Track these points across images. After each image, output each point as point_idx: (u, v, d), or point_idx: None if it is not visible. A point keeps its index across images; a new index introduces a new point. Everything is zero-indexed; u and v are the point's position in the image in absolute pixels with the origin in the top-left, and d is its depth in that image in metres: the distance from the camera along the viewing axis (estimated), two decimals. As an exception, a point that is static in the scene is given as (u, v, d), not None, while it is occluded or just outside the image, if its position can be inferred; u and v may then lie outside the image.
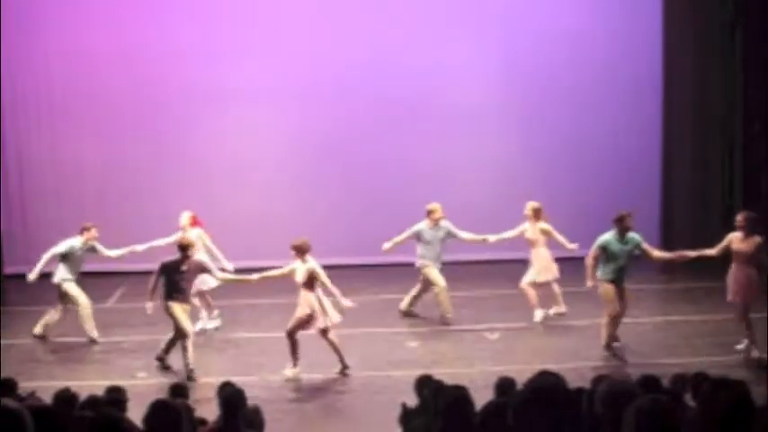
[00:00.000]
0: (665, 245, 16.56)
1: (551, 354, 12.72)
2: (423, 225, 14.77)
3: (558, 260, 14.58)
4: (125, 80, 18.25)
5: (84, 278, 14.41)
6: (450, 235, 14.81)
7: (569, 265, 14.30)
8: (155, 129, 18.46)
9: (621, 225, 12.57)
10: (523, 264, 14.70)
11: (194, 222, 14.47)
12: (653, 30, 18.63)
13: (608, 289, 12.61)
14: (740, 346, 12.56)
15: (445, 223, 14.83)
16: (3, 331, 14.17)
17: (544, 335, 13.83)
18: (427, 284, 14.86)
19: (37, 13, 18.23)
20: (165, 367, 12.65)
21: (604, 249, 12.57)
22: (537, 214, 14.65)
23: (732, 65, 18.16)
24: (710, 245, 12.84)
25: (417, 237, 14.77)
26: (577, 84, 18.68)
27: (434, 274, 14.69)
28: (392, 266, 16.79)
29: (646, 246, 12.82)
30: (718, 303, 13.26)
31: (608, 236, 12.59)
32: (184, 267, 12.57)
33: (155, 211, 17.41)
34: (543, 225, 14.62)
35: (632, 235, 12.65)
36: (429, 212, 14.76)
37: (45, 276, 14.25)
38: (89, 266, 15.00)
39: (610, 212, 12.95)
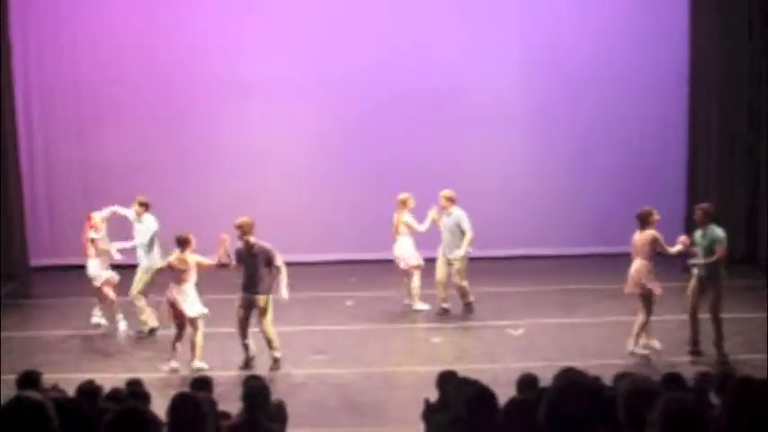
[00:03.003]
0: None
1: (575, 351, 12.66)
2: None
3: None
4: (152, 78, 18.29)
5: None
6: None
7: (585, 263, 14.22)
8: (181, 125, 18.48)
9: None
10: (547, 260, 14.61)
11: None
12: (679, 27, 18.48)
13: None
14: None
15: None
16: (28, 323, 14.24)
17: (568, 332, 13.77)
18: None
19: (64, 11, 18.31)
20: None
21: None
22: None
23: (760, 62, 18.03)
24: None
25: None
26: (600, 82, 18.57)
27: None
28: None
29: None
30: (743, 302, 13.20)
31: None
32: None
33: (180, 204, 17.44)
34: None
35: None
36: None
37: (68, 269, 14.29)
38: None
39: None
